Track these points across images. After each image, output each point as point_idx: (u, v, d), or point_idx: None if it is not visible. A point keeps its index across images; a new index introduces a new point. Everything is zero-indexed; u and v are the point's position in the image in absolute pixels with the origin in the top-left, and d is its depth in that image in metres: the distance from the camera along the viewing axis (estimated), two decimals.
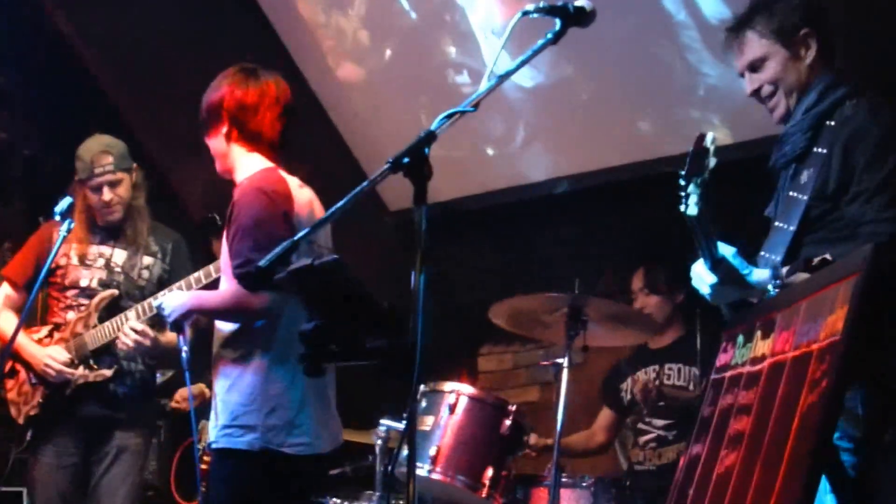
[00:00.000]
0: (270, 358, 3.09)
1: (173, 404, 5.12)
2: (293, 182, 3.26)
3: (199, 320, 3.56)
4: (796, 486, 2.20)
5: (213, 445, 3.12)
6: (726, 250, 2.89)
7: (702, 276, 2.92)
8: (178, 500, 4.97)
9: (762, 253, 2.89)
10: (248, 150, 3.27)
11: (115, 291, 4.27)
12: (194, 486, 4.83)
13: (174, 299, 3.33)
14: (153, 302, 3.82)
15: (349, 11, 5.84)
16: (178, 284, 4.09)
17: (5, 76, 5.75)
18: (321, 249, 3.21)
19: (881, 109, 2.77)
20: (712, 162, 2.83)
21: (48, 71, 5.75)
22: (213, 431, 3.12)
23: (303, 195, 3.27)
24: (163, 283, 4.33)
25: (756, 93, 3.03)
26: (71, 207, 4.10)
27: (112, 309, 4.24)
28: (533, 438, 4.61)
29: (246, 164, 3.27)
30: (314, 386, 3.07)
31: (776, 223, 2.88)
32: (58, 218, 4.07)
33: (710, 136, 2.87)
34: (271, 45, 6.04)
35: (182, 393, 5.09)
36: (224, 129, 3.26)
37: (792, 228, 2.80)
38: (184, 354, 3.44)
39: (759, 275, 2.85)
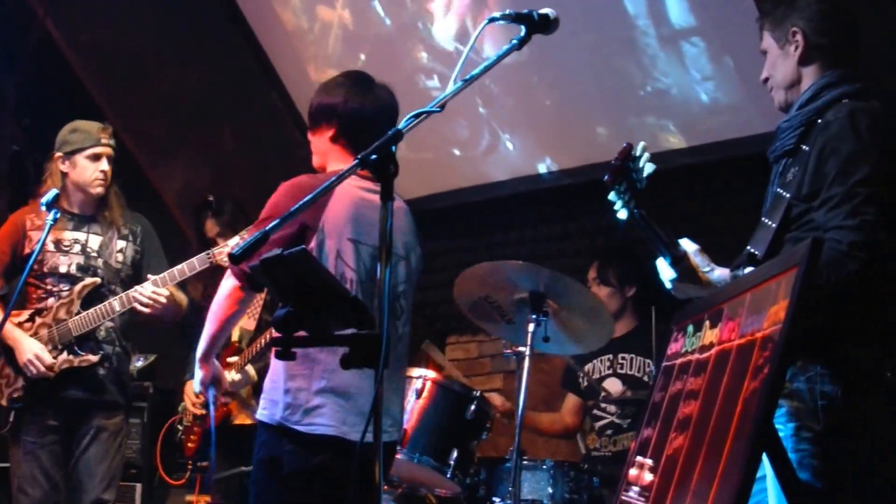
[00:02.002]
0: None
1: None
2: (355, 183, 3.21)
3: None
4: (737, 466, 2.29)
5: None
6: (689, 247, 2.95)
7: (663, 272, 2.99)
8: (165, 478, 5.03)
9: (748, 248, 2.90)
10: (346, 154, 3.27)
11: (98, 280, 4.35)
12: (178, 464, 4.90)
13: None
14: None
15: (328, 17, 5.95)
16: (160, 277, 4.20)
17: None
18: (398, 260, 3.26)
19: (861, 117, 2.74)
20: (649, 168, 2.93)
21: (37, 72, 5.90)
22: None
23: (357, 195, 3.23)
24: (136, 264, 4.43)
25: (765, 81, 3.05)
26: (56, 198, 4.15)
27: (93, 296, 4.32)
28: (498, 401, 4.73)
29: (338, 166, 3.25)
30: (342, 376, 3.05)
31: (762, 219, 2.89)
32: (43, 209, 4.11)
33: (640, 146, 2.96)
34: (251, 50, 6.15)
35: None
36: (331, 133, 3.30)
37: (774, 225, 2.82)
38: None
39: (720, 273, 2.91)
